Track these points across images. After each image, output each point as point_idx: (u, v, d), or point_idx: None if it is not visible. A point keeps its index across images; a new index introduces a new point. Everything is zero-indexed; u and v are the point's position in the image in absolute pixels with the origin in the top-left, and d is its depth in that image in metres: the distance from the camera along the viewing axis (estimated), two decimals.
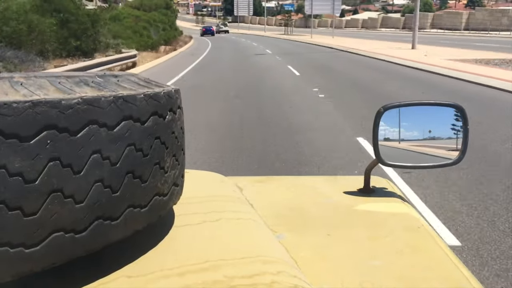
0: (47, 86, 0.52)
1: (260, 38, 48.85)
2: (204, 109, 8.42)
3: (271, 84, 12.28)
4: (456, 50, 22.90)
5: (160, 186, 0.65)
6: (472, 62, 16.54)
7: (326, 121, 7.46)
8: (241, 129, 7.04)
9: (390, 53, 21.03)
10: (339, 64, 17.97)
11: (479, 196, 4.19)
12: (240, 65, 18.31)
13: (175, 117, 0.68)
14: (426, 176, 4.63)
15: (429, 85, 11.61)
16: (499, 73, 13.25)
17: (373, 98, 9.42)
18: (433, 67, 15.02)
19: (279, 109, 8.61)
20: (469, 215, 3.79)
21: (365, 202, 1.07)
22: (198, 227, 0.75)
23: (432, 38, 38.39)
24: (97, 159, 0.54)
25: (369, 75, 14.00)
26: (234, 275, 0.61)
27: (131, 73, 0.69)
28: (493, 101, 9.26)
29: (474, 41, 31.44)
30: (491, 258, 3.11)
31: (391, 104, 1.09)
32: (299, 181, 1.30)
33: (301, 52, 25.38)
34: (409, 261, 0.82)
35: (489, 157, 5.38)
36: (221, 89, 11.27)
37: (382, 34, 51.96)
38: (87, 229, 0.54)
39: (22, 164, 0.48)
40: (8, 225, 0.48)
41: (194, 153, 5.46)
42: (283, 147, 5.84)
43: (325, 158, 5.40)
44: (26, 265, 0.50)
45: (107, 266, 0.61)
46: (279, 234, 0.88)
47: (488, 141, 5.99)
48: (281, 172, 4.77)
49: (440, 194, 4.25)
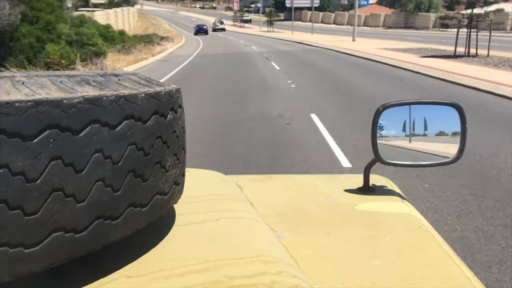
0: (48, 85, 0.52)
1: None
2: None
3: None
4: (384, 41, 29.97)
5: (161, 185, 0.65)
6: (393, 50, 22.24)
7: (276, 75, 14.33)
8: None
9: (335, 44, 28.09)
10: (293, 50, 25.63)
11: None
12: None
13: (176, 116, 0.68)
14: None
15: (353, 63, 18.10)
16: (396, 55, 19.40)
17: (312, 69, 16.20)
18: (361, 53, 21.11)
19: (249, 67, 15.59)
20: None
21: (365, 200, 1.07)
22: (198, 227, 0.75)
23: (374, 32, 45.60)
24: (99, 158, 0.54)
25: (313, 57, 20.86)
26: (235, 275, 0.61)
27: (132, 72, 0.69)
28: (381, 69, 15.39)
29: (403, 35, 38.24)
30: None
31: (390, 103, 1.09)
32: (299, 179, 1.30)
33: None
34: (409, 260, 0.82)
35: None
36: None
37: (333, 29, 57.18)
38: (87, 228, 0.54)
39: (24, 163, 0.48)
40: (8, 224, 0.47)
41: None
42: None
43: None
44: (26, 265, 0.50)
45: (107, 266, 0.61)
46: (279, 233, 0.88)
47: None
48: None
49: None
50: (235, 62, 19.21)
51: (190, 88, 11.27)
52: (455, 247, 3.17)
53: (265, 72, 15.33)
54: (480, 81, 11.08)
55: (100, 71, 0.63)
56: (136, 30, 43.82)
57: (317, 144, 6.11)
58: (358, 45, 26.09)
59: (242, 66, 17.49)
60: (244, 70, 16.11)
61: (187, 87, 11.16)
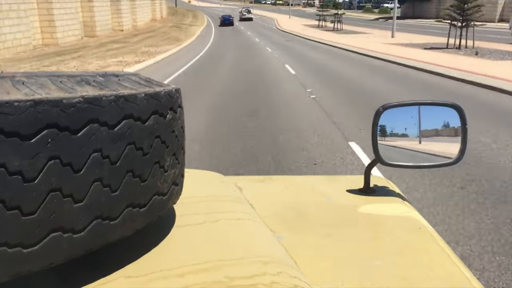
0: (48, 85, 0.52)
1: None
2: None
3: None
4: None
5: (159, 185, 0.65)
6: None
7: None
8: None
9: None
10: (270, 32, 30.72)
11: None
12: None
13: (176, 116, 0.68)
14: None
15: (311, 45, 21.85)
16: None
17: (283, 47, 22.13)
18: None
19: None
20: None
21: (365, 202, 1.07)
22: (198, 227, 0.75)
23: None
24: (97, 158, 0.54)
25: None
26: (234, 276, 0.61)
27: (132, 72, 0.69)
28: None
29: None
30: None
31: (390, 104, 1.09)
32: (299, 180, 1.30)
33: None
34: (409, 261, 0.82)
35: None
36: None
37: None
38: (85, 228, 0.54)
39: (22, 162, 0.48)
40: (7, 224, 0.47)
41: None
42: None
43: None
44: (24, 265, 0.50)
45: (106, 266, 0.61)
46: (278, 234, 0.88)
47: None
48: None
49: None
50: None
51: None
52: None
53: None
54: (442, 67, 13.97)
55: (100, 72, 0.63)
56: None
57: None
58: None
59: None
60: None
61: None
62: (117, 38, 26.39)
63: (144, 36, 28.85)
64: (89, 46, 21.96)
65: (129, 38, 27.14)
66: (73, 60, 16.46)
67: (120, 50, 20.15)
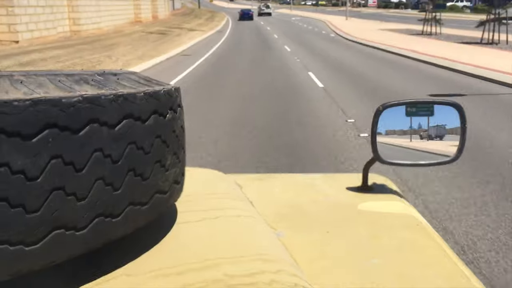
0: (47, 84, 0.52)
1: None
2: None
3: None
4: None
5: (161, 184, 0.65)
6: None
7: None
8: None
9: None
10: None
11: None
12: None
13: (176, 115, 0.68)
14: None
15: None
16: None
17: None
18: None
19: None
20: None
21: (364, 199, 1.07)
22: (198, 225, 0.75)
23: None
24: (99, 157, 0.54)
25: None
26: (234, 274, 0.61)
27: (131, 71, 0.69)
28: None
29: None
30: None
31: (389, 103, 1.10)
32: (298, 178, 1.30)
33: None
34: (408, 258, 0.82)
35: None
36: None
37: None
38: (87, 226, 0.54)
39: (25, 161, 0.48)
40: (11, 222, 0.48)
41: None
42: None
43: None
44: (26, 263, 0.50)
45: (106, 264, 0.61)
46: (278, 232, 0.88)
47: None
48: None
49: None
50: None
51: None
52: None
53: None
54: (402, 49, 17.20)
55: (98, 70, 0.63)
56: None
57: None
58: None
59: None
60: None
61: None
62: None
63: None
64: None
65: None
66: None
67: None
